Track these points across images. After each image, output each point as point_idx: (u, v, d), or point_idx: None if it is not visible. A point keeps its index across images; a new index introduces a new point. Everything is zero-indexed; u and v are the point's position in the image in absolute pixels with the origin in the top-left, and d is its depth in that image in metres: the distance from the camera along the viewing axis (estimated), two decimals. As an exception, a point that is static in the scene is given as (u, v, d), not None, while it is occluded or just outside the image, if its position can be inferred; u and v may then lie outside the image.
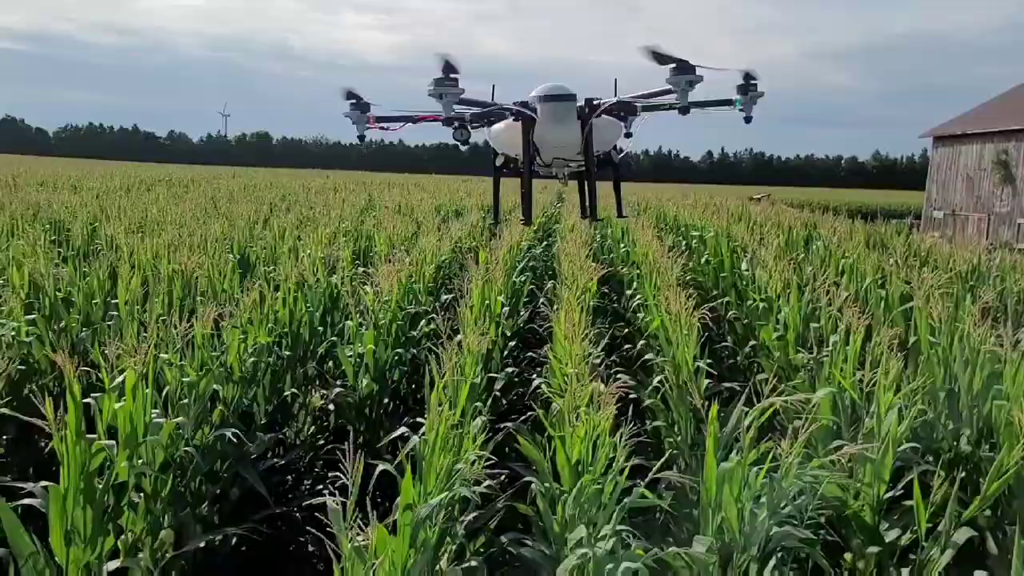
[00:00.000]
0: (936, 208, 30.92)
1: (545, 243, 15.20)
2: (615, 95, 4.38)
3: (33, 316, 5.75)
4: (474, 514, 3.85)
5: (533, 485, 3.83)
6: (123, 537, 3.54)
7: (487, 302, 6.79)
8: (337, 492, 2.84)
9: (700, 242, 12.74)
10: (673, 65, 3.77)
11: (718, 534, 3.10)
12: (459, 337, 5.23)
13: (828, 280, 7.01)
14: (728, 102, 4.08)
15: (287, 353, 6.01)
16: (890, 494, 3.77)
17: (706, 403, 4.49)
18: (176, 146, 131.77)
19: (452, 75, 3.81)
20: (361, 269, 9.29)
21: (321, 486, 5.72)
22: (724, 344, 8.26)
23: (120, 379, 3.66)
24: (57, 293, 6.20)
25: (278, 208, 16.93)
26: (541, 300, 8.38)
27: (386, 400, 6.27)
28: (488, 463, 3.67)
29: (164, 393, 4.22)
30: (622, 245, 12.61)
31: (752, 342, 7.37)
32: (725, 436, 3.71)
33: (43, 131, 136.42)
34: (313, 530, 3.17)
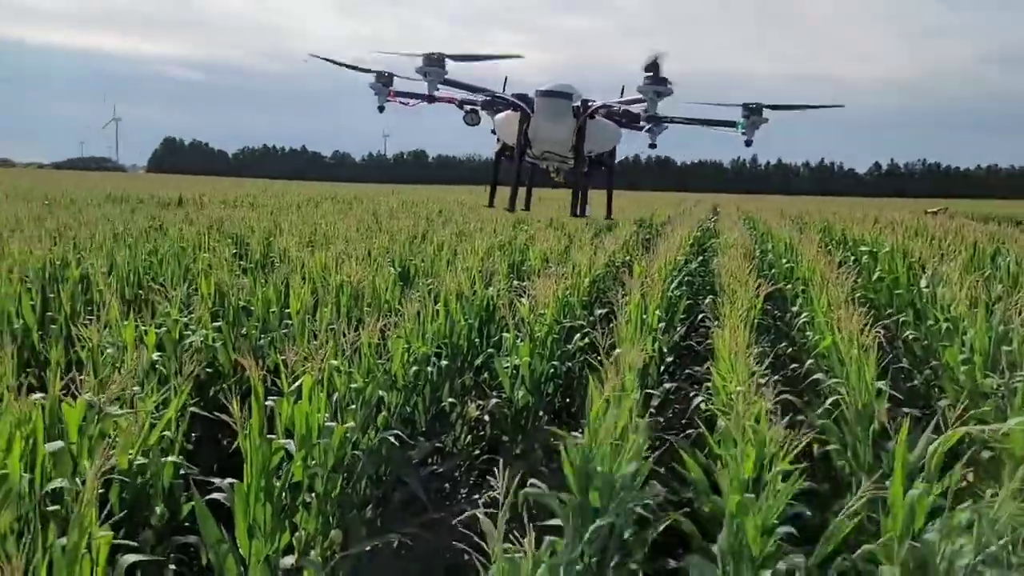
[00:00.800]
0: None
1: (700, 258, 14.86)
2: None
3: (219, 323, 6.19)
4: (632, 529, 3.77)
5: (695, 504, 3.70)
6: (297, 535, 3.72)
7: (644, 316, 6.67)
8: (492, 503, 2.84)
9: (870, 257, 12.02)
10: (649, 75, 3.69)
11: (904, 568, 2.87)
12: (616, 352, 5.16)
13: (1022, 299, 6.39)
14: (732, 123, 3.93)
15: (446, 363, 6.15)
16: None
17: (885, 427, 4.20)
18: (340, 164, 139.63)
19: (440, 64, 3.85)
20: (515, 282, 9.40)
21: (477, 495, 5.80)
22: (900, 365, 7.72)
23: (297, 384, 3.86)
24: (238, 302, 6.66)
25: (434, 223, 17.48)
26: (700, 315, 8.15)
27: (541, 412, 6.28)
28: (647, 480, 3.58)
29: (334, 398, 4.41)
30: (785, 260, 12.10)
31: (933, 363, 6.84)
32: (909, 464, 3.45)
33: (224, 153, 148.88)
34: (465, 546, 3.19)
